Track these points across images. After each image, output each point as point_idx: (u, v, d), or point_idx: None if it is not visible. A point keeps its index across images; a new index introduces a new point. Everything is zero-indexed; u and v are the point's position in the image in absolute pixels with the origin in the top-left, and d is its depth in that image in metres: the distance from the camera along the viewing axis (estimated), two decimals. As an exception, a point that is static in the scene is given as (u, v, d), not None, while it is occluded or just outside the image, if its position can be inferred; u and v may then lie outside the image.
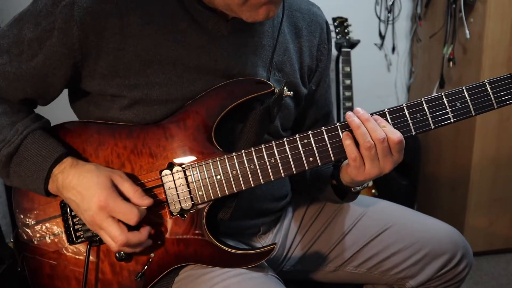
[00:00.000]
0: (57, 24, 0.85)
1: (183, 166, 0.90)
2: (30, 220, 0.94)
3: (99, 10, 0.85)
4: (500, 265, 2.29)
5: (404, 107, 0.87)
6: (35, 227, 0.94)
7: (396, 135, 0.85)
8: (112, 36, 0.86)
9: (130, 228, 0.84)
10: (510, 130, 2.12)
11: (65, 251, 0.93)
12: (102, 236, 0.85)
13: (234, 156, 0.89)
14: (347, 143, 0.86)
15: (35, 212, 0.94)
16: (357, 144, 0.86)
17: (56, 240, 0.93)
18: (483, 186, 2.18)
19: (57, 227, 0.93)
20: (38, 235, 0.94)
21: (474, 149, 2.11)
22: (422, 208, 2.51)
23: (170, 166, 0.90)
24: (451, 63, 2.21)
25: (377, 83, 2.61)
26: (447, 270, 1.08)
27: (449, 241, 1.09)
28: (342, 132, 0.87)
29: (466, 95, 0.87)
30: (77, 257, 0.93)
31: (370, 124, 0.85)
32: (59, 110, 1.14)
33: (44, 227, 0.93)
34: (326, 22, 1.11)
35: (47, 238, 0.93)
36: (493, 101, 0.87)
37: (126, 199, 0.85)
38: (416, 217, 1.15)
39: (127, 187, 0.86)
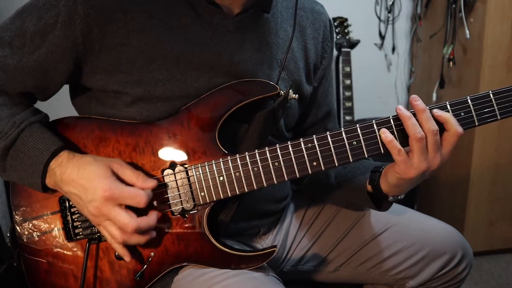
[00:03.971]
0: (61, 18, 0.84)
1: (186, 166, 0.90)
2: (27, 216, 0.93)
3: (103, 4, 0.85)
4: (500, 265, 2.29)
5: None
6: (32, 223, 0.93)
7: (459, 128, 0.83)
8: (116, 31, 0.86)
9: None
10: (510, 130, 2.12)
11: (63, 248, 0.93)
12: (106, 228, 0.84)
13: (238, 158, 0.88)
14: (389, 139, 0.84)
15: (32, 207, 0.93)
16: (399, 139, 0.85)
17: (54, 236, 0.93)
18: (483, 186, 2.18)
19: (55, 224, 0.93)
20: (35, 231, 0.93)
21: (474, 149, 2.11)
22: (422, 208, 2.51)
23: (173, 165, 0.90)
24: (451, 63, 2.21)
25: (377, 83, 2.61)
26: (447, 271, 1.08)
27: (449, 241, 1.09)
28: (378, 129, 0.85)
29: (471, 105, 0.86)
30: (75, 254, 0.92)
31: (425, 115, 0.83)
32: (60, 106, 1.13)
33: (41, 223, 0.93)
34: (330, 20, 1.12)
35: (44, 234, 0.93)
36: (497, 112, 0.86)
37: (129, 186, 0.84)
38: (416, 217, 1.15)
39: (129, 173, 0.85)
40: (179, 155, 0.90)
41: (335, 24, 2.27)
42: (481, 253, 2.28)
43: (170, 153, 0.90)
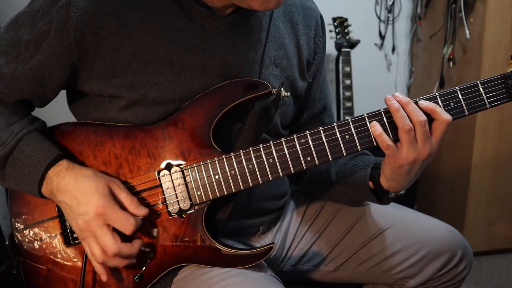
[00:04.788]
0: (54, 25, 0.85)
1: (181, 166, 0.90)
2: (25, 222, 0.94)
3: (95, 10, 0.85)
4: (500, 265, 2.29)
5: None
6: (31, 229, 0.93)
7: (447, 116, 0.85)
8: (109, 36, 0.86)
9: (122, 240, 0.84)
10: (510, 130, 2.12)
11: (61, 253, 0.93)
12: (89, 245, 0.84)
13: (233, 156, 0.89)
14: (378, 133, 0.85)
15: (30, 214, 0.93)
16: (391, 131, 0.86)
17: (52, 242, 0.93)
18: (483, 186, 2.18)
19: (53, 229, 0.93)
20: (34, 237, 0.93)
21: (474, 149, 2.11)
22: (422, 208, 2.51)
23: (168, 166, 0.90)
24: (451, 63, 2.21)
25: (377, 83, 2.61)
26: (447, 270, 1.08)
27: (449, 241, 1.09)
28: (369, 122, 0.86)
29: (460, 95, 0.87)
30: (74, 258, 0.93)
31: (410, 107, 0.85)
32: (58, 111, 1.14)
33: (40, 229, 0.93)
34: (321, 16, 1.12)
35: (43, 240, 0.93)
36: (486, 101, 0.88)
37: (123, 208, 0.85)
38: (416, 217, 1.15)
39: (124, 197, 0.86)
40: (175, 156, 0.90)
41: (335, 24, 2.26)
42: (481, 253, 2.28)
43: (166, 154, 0.90)
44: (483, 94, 0.87)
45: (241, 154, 0.89)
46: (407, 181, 0.92)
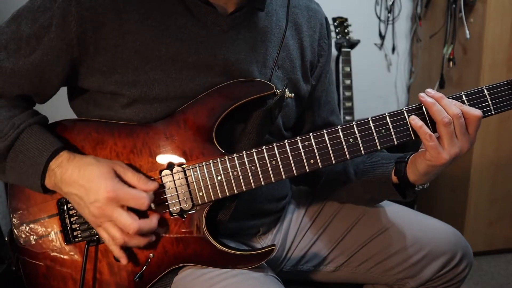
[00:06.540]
0: (55, 20, 0.85)
1: (183, 166, 0.90)
2: (25, 219, 0.93)
3: (97, 5, 0.85)
4: (500, 265, 2.29)
5: (404, 111, 0.88)
6: (30, 226, 0.93)
7: (476, 111, 0.85)
8: (110, 32, 0.86)
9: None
10: (510, 130, 2.12)
11: (61, 251, 0.93)
12: (106, 229, 0.84)
13: (235, 157, 0.88)
14: (419, 125, 0.85)
15: (30, 211, 0.93)
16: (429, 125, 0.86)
17: (52, 239, 0.93)
18: (483, 187, 2.18)
19: (53, 227, 0.93)
20: (33, 234, 0.93)
21: (474, 150, 2.12)
22: (422, 209, 2.51)
23: (170, 166, 0.90)
24: (451, 63, 2.21)
25: (377, 83, 2.61)
26: (447, 271, 1.08)
27: (449, 241, 1.09)
28: (407, 116, 0.86)
29: (465, 101, 0.87)
30: (74, 257, 0.92)
31: (444, 101, 0.85)
32: (60, 108, 1.13)
33: (39, 226, 0.93)
34: (326, 18, 1.12)
35: (42, 238, 0.93)
36: (491, 107, 0.88)
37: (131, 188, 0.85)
38: (416, 217, 1.15)
39: (130, 176, 0.86)
40: (177, 156, 0.90)
41: (335, 24, 2.27)
42: (481, 253, 2.28)
43: (168, 154, 0.90)
44: (488, 100, 0.87)
45: (244, 155, 0.88)
46: (436, 175, 0.92)
